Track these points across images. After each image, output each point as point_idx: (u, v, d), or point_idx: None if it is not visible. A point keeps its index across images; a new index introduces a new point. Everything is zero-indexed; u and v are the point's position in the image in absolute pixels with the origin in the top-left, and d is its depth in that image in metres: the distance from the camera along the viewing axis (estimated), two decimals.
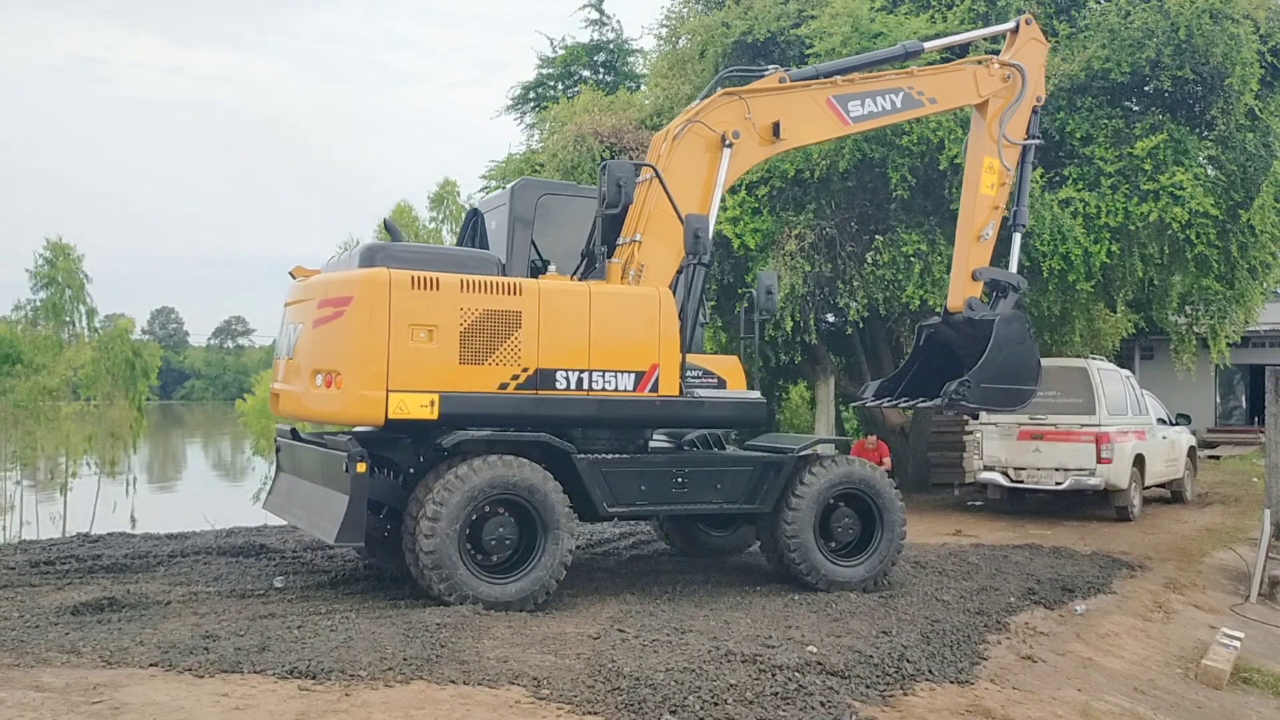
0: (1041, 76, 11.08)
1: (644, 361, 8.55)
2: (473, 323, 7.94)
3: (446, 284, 7.91)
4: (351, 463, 7.71)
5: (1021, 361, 10.15)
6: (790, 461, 9.10)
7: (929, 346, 10.80)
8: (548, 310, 8.21)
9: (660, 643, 6.82)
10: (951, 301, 10.60)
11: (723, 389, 9.10)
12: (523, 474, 7.96)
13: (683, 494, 8.75)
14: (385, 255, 8.15)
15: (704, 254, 8.61)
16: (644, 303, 8.64)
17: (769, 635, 7.14)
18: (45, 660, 5.89)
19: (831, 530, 9.18)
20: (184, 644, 6.27)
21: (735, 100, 9.38)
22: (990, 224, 10.55)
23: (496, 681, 5.85)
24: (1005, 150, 10.52)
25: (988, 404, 10.22)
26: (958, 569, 10.39)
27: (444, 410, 7.82)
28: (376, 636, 6.61)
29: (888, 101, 10.10)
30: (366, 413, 7.73)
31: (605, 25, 25.93)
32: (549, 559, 7.99)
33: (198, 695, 5.38)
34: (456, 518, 7.67)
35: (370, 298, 7.74)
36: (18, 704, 5.09)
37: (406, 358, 7.73)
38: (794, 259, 15.13)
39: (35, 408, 37.62)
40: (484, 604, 7.62)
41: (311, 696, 5.45)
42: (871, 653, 6.86)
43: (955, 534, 13.67)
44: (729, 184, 9.44)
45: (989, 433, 15.38)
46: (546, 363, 8.17)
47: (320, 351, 8.21)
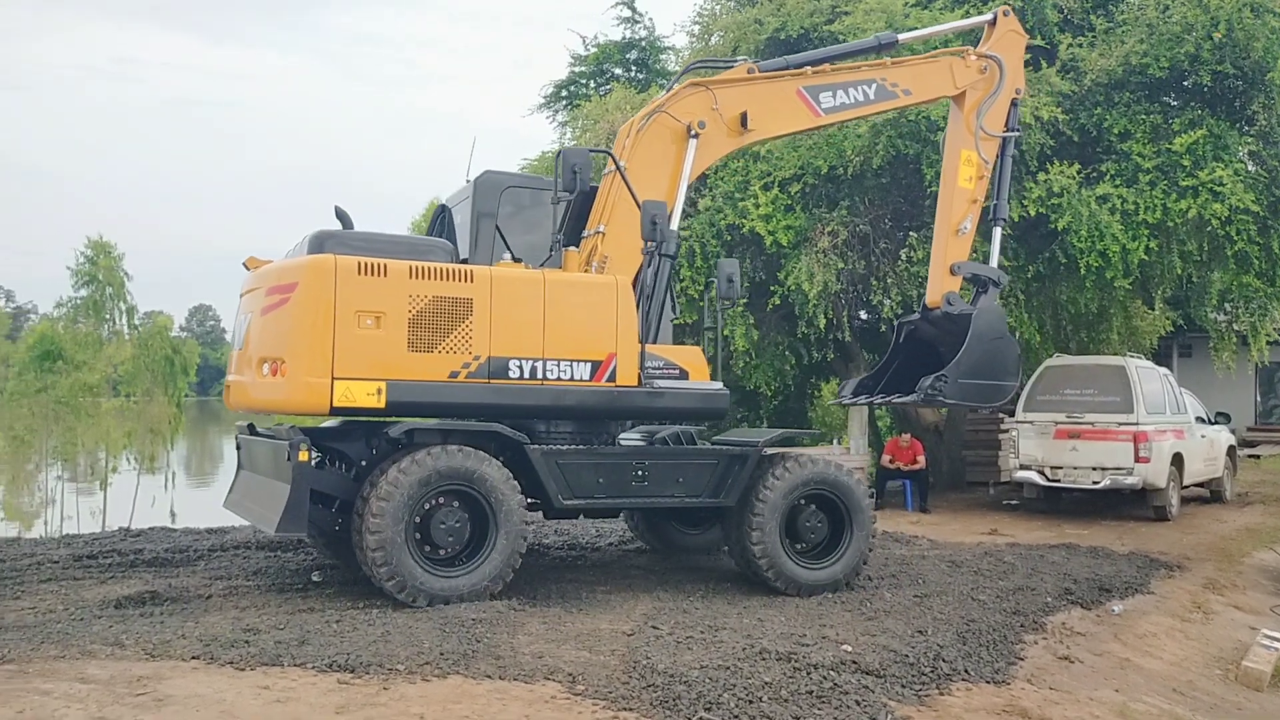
0: (1020, 68, 10.94)
1: (601, 351, 8.38)
2: (421, 310, 7.77)
3: (394, 270, 7.74)
4: (293, 451, 7.57)
5: (1000, 356, 10.00)
6: (755, 454, 8.86)
7: (909, 343, 10.69)
8: (500, 298, 8.04)
9: (694, 640, 6.83)
10: (930, 297, 10.48)
11: (685, 380, 8.88)
12: (473, 465, 7.78)
13: (643, 487, 8.53)
14: (334, 242, 8.02)
15: (663, 242, 8.49)
16: (601, 291, 8.48)
17: (803, 634, 7.14)
18: (90, 653, 5.99)
19: (799, 532, 8.92)
20: (225, 637, 6.35)
21: (702, 91, 9.30)
22: (969, 217, 10.41)
23: (532, 677, 5.89)
24: (983, 143, 10.39)
25: (965, 400, 10.06)
26: (993, 568, 10.32)
27: (391, 399, 7.65)
28: (413, 631, 6.67)
29: (860, 93, 9.98)
30: (310, 401, 7.56)
31: (637, 23, 25.90)
32: (500, 552, 7.81)
33: (239, 687, 5.46)
34: (403, 509, 7.50)
35: (315, 284, 7.59)
36: (64, 695, 5.18)
37: (352, 345, 7.56)
38: (827, 256, 15.07)
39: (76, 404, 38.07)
40: (430, 598, 7.50)
41: (351, 690, 5.52)
42: (907, 652, 6.84)
43: (991, 533, 13.58)
44: (695, 175, 9.33)
45: (1025, 431, 15.26)
46: (499, 351, 8.01)
47: (267, 340, 8.03)
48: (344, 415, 8.00)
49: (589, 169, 8.43)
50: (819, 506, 9.02)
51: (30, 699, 5.09)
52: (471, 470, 7.76)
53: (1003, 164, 10.67)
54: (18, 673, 5.56)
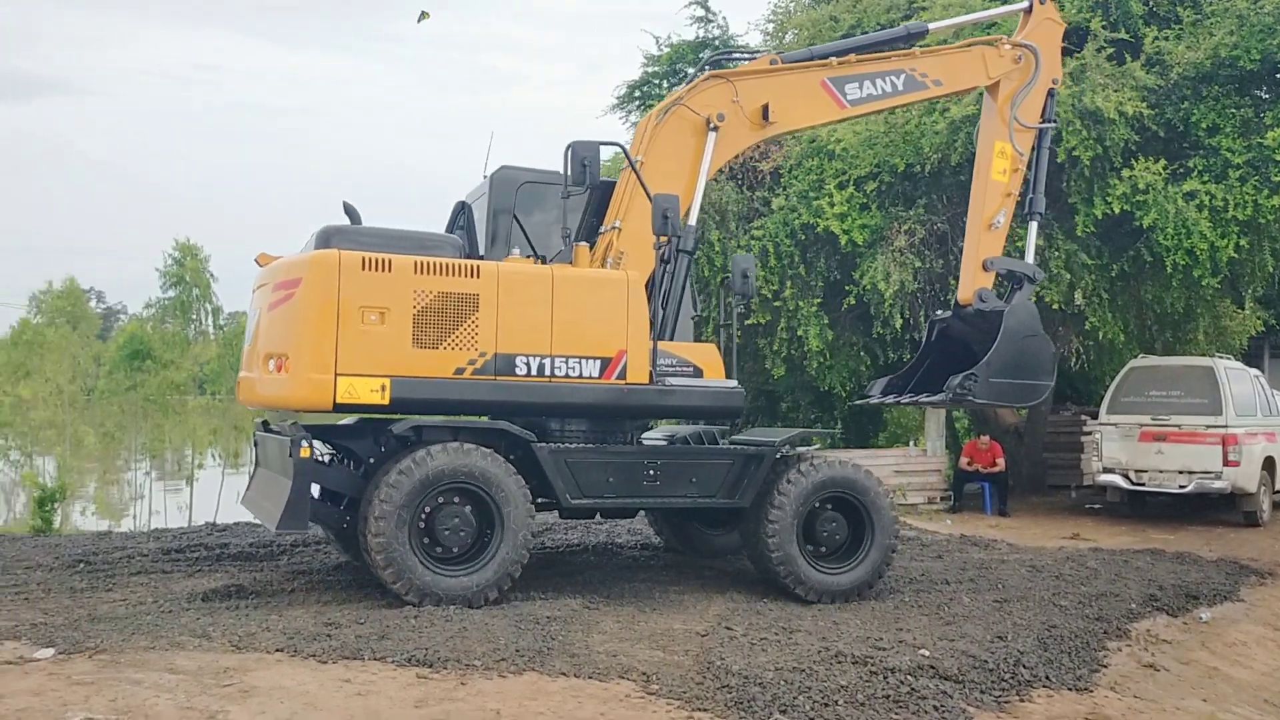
0: (1058, 57, 10.57)
1: (610, 348, 8.23)
2: (427, 305, 7.69)
3: (399, 266, 7.68)
4: (295, 447, 7.55)
5: (1033, 354, 9.66)
6: (770, 454, 8.69)
7: (940, 341, 10.38)
8: (507, 293, 7.93)
9: (769, 641, 6.81)
10: (961, 293, 10.18)
11: (699, 378, 8.71)
12: (477, 463, 7.68)
13: (655, 487, 8.38)
14: (341, 237, 7.97)
15: (680, 237, 8.35)
16: (611, 287, 8.34)
17: (879, 637, 7.07)
18: (179, 644, 6.16)
19: (817, 535, 8.70)
20: (308, 631, 6.49)
21: (722, 83, 9.12)
22: (1002, 211, 10.08)
23: (606, 675, 5.93)
24: (1018, 134, 10.07)
25: (997, 400, 9.75)
26: (1075, 574, 10.11)
27: (395, 395, 7.59)
28: (489, 628, 6.75)
29: (888, 84, 9.73)
30: (314, 397, 7.50)
31: (711, 22, 25.81)
32: (505, 552, 7.69)
33: (321, 680, 5.57)
34: (406, 507, 7.44)
35: (318, 279, 7.54)
36: (154, 685, 5.34)
37: (356, 341, 7.51)
38: (903, 255, 14.88)
39: (164, 402, 39.32)
40: (434, 597, 7.44)
41: (429, 684, 5.60)
42: (986, 658, 6.73)
43: (1073, 538, 13.30)
44: (715, 168, 9.17)
45: (1108, 433, 14.92)
46: (506, 348, 7.89)
47: (273, 336, 8.01)
48: (347, 412, 7.94)
49: (598, 162, 8.28)
50: (838, 509, 8.81)
51: (122, 688, 5.26)
52: (476, 468, 7.67)
53: (1039, 156, 10.34)
54: (110, 662, 5.75)
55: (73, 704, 5.01)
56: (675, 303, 8.78)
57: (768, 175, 16.61)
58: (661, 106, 9.16)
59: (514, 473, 7.82)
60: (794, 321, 15.95)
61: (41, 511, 14.22)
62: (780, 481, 8.55)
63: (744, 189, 16.83)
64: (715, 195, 16.41)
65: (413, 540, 7.49)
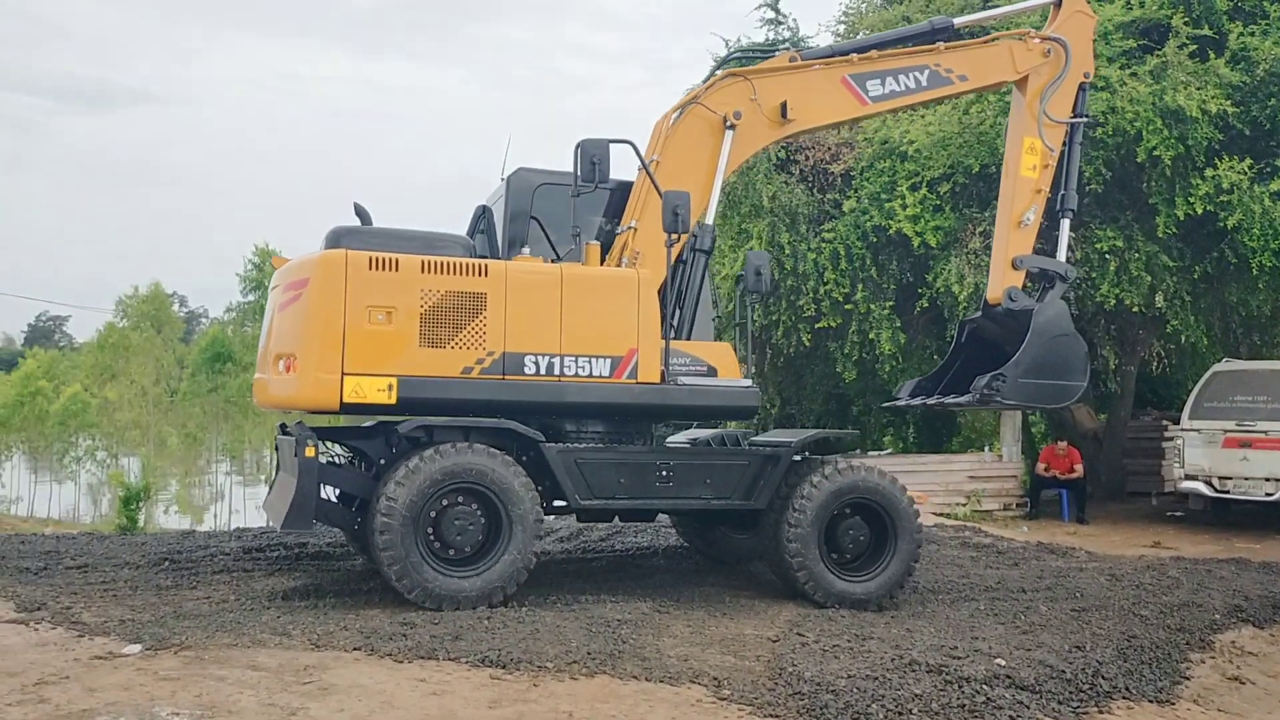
0: (1089, 51, 10.25)
1: (621, 346, 8.12)
2: (434, 304, 7.65)
3: (406, 265, 7.65)
4: (300, 447, 7.54)
5: (1064, 354, 9.37)
6: (787, 456, 8.52)
7: (972, 342, 10.11)
8: (515, 292, 7.88)
9: (841, 649, 6.76)
10: (990, 292, 9.89)
11: (713, 378, 8.55)
12: (485, 463, 7.59)
13: (668, 488, 8.24)
14: (351, 237, 7.95)
15: (684, 231, 8.20)
16: (621, 285, 8.23)
17: (954, 646, 6.98)
18: (260, 642, 6.30)
19: (839, 542, 8.55)
20: (384, 630, 6.60)
21: (740, 81, 8.99)
22: (1032, 208, 9.78)
23: (678, 679, 5.94)
24: (1047, 130, 9.76)
25: (1027, 401, 9.49)
26: (1156, 583, 9.88)
27: (403, 395, 7.54)
28: (561, 630, 6.80)
29: (911, 80, 9.52)
30: (320, 397, 7.48)
31: (781, 24, 25.73)
32: (512, 553, 7.59)
33: (398, 679, 5.67)
34: (411, 507, 7.37)
35: (325, 279, 7.53)
36: (237, 682, 5.48)
37: (363, 340, 7.48)
38: (978, 257, 14.65)
39: (244, 403, 40.18)
40: (440, 599, 7.38)
41: (502, 685, 5.67)
42: (1064, 668, 6.61)
43: (1153, 546, 13.00)
44: (733, 167, 9.04)
45: (1191, 439, 14.54)
46: (514, 346, 7.83)
47: (282, 336, 8.01)
48: (354, 412, 7.90)
49: (608, 160, 8.17)
50: (861, 516, 8.64)
51: (207, 684, 5.41)
52: (483, 469, 7.59)
53: (1071, 152, 10.04)
54: (194, 659, 5.91)
55: (160, 699, 5.15)
56: (693, 301, 8.69)
57: (839, 177, 16.51)
58: (678, 105, 9.08)
59: (521, 473, 7.74)
60: (866, 325, 15.83)
61: (127, 510, 14.67)
62: (803, 485, 8.41)
63: (814, 191, 16.75)
64: (785, 198, 16.38)
65: (419, 541, 7.43)
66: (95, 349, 51.34)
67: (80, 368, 54.79)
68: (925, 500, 16.28)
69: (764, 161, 16.48)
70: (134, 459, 42.17)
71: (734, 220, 16.89)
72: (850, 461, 8.81)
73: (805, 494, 8.36)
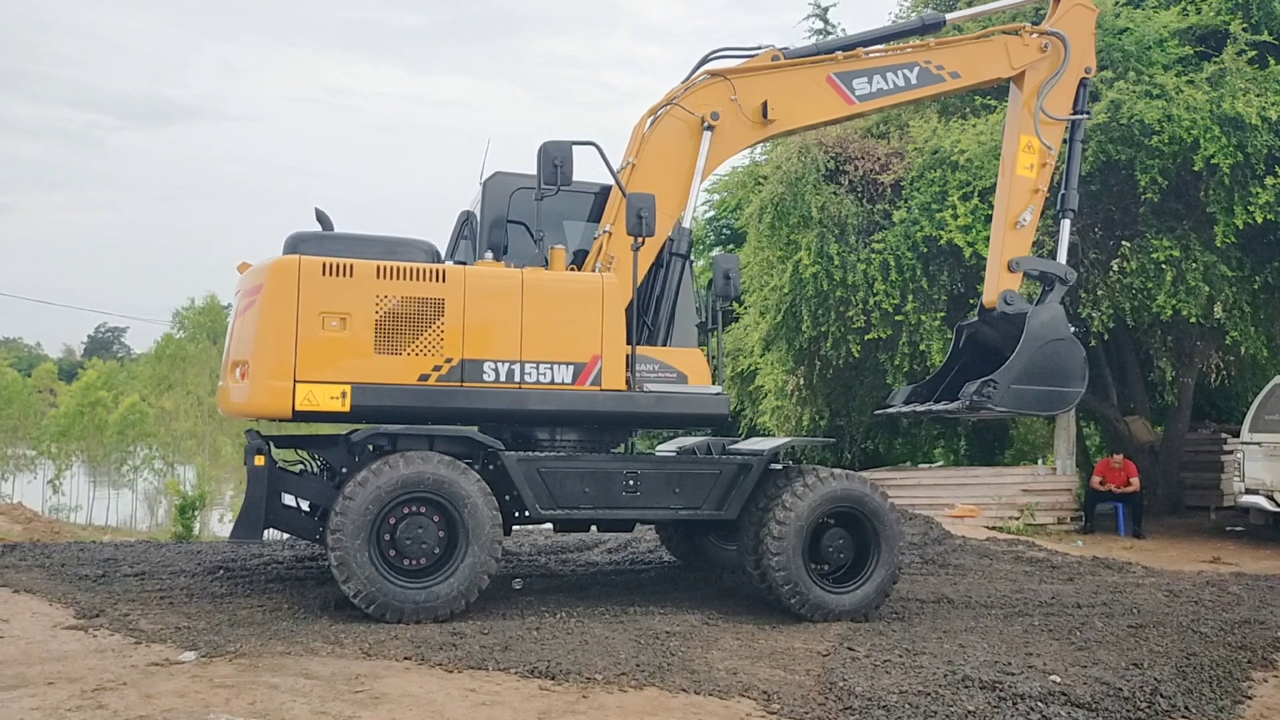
0: (1090, 45, 9.93)
1: (584, 353, 7.99)
2: (389, 311, 7.56)
3: (361, 270, 7.56)
4: (249, 456, 7.47)
5: (1060, 360, 9.04)
6: (760, 465, 8.34)
7: (969, 348, 9.81)
8: (475, 298, 7.76)
9: (893, 664, 6.69)
10: (986, 296, 9.62)
11: (682, 385, 8.38)
12: (441, 472, 7.45)
13: (634, 498, 8.06)
14: (309, 243, 7.87)
15: (648, 235, 8.04)
16: (584, 290, 8.09)
17: (1008, 662, 6.87)
18: (313, 650, 6.37)
19: (822, 553, 8.34)
20: (434, 640, 6.64)
21: (720, 81, 8.83)
22: (1030, 209, 9.48)
23: (727, 693, 5.91)
24: (1045, 127, 9.48)
25: (1020, 408, 9.12)
26: (1216, 599, 9.66)
27: (357, 402, 7.43)
28: (610, 641, 6.80)
29: (900, 77, 9.31)
30: (272, 404, 7.41)
31: (830, 34, 25.69)
32: (469, 565, 7.44)
33: (448, 689, 5.70)
34: (364, 516, 7.23)
35: (278, 285, 7.46)
36: (291, 689, 5.54)
37: (316, 347, 7.39)
38: None
39: None
40: (394, 611, 7.25)
41: (551, 696, 5.68)
42: (1121, 685, 6.48)
43: (1213, 561, 12.72)
44: (712, 169, 8.85)
45: (1251, 453, 14.21)
46: (472, 353, 7.72)
47: (238, 342, 7.92)
48: (308, 420, 7.80)
49: (571, 163, 8.03)
50: (844, 526, 8.45)
51: (261, 692, 5.47)
52: (439, 478, 7.45)
53: (1072, 150, 9.79)
54: (249, 666, 5.98)
55: (215, 706, 5.22)
56: (669, 306, 8.57)
57: (889, 187, 16.40)
58: (654, 107, 8.90)
59: (480, 483, 7.60)
60: (916, 336, 15.68)
61: (183, 518, 14.89)
62: (784, 495, 8.22)
63: (864, 202, 16.66)
64: (834, 208, 16.30)
65: (372, 551, 7.29)
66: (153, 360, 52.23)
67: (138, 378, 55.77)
68: (977, 513, 16.09)
69: (813, 172, 16.43)
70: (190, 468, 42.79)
71: (782, 231, 16.83)
72: (832, 470, 8.59)
73: (788, 504, 8.17)
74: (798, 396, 18.69)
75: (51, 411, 55.85)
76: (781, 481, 8.40)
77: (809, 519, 8.22)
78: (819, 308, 16.53)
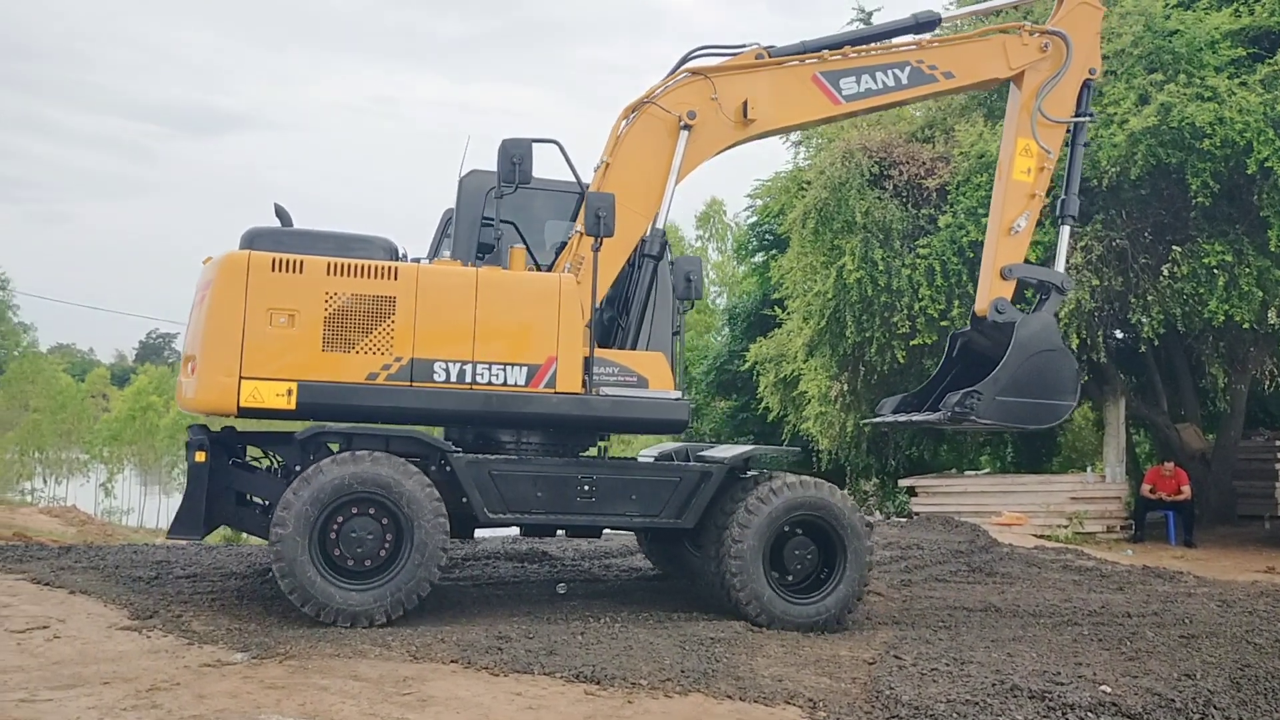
0: (1095, 45, 9.54)
1: (539, 354, 7.82)
2: (339, 308, 7.46)
3: (311, 267, 7.46)
4: (190, 452, 7.45)
5: (1050, 371, 8.73)
6: (719, 472, 8.15)
7: (963, 357, 9.47)
8: (426, 296, 7.63)
9: (939, 672, 6.64)
10: (978, 304, 9.25)
11: (642, 389, 8.15)
12: (385, 472, 7.32)
13: (589, 504, 7.91)
14: (264, 239, 7.80)
15: (606, 235, 7.88)
16: (540, 290, 7.93)
17: (1057, 671, 6.79)
18: (361, 652, 6.44)
19: (785, 562, 8.13)
20: (480, 644, 6.68)
21: (700, 80, 8.58)
22: (1025, 214, 9.11)
23: (772, 700, 5.89)
24: (1043, 130, 9.14)
25: (1005, 421, 8.77)
26: (1271, 610, 9.48)
27: (303, 400, 7.34)
28: (655, 647, 6.81)
29: (890, 77, 8.99)
30: (217, 400, 7.33)
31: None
32: (411, 567, 7.30)
33: (494, 693, 5.74)
34: (305, 516, 7.13)
35: (227, 281, 7.38)
36: (339, 691, 5.61)
37: (263, 343, 7.30)
38: (1080, 273, 14.33)
39: None
40: (333, 612, 7.14)
41: (597, 701, 5.70)
42: (1173, 696, 6.39)
43: (1266, 571, 12.50)
44: (689, 170, 8.56)
45: None
46: (423, 352, 7.58)
47: (190, 337, 7.88)
48: (253, 416, 7.68)
49: (530, 160, 7.90)
50: (808, 534, 8.23)
51: (310, 694, 5.54)
52: (382, 479, 7.32)
53: (1073, 154, 9.44)
54: (299, 668, 6.06)
55: (265, 707, 5.30)
56: (639, 309, 8.44)
57: (934, 192, 16.29)
58: (631, 105, 8.65)
59: (427, 484, 7.47)
60: None
61: None
62: (746, 501, 8.03)
63: (909, 206, 16.56)
64: (878, 213, 16.22)
65: (313, 551, 7.18)
66: None
67: None
68: (1024, 521, 15.92)
69: (857, 177, 16.36)
70: None
71: (826, 236, 16.78)
72: (800, 477, 8.39)
73: (750, 508, 8.00)
74: (841, 403, 18.61)
75: (104, 416, 56.98)
76: (744, 489, 8.23)
77: (770, 527, 8.03)
78: (863, 313, 16.44)
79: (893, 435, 19.64)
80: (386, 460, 7.45)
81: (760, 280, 27.29)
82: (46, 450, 51.59)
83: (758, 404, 23.18)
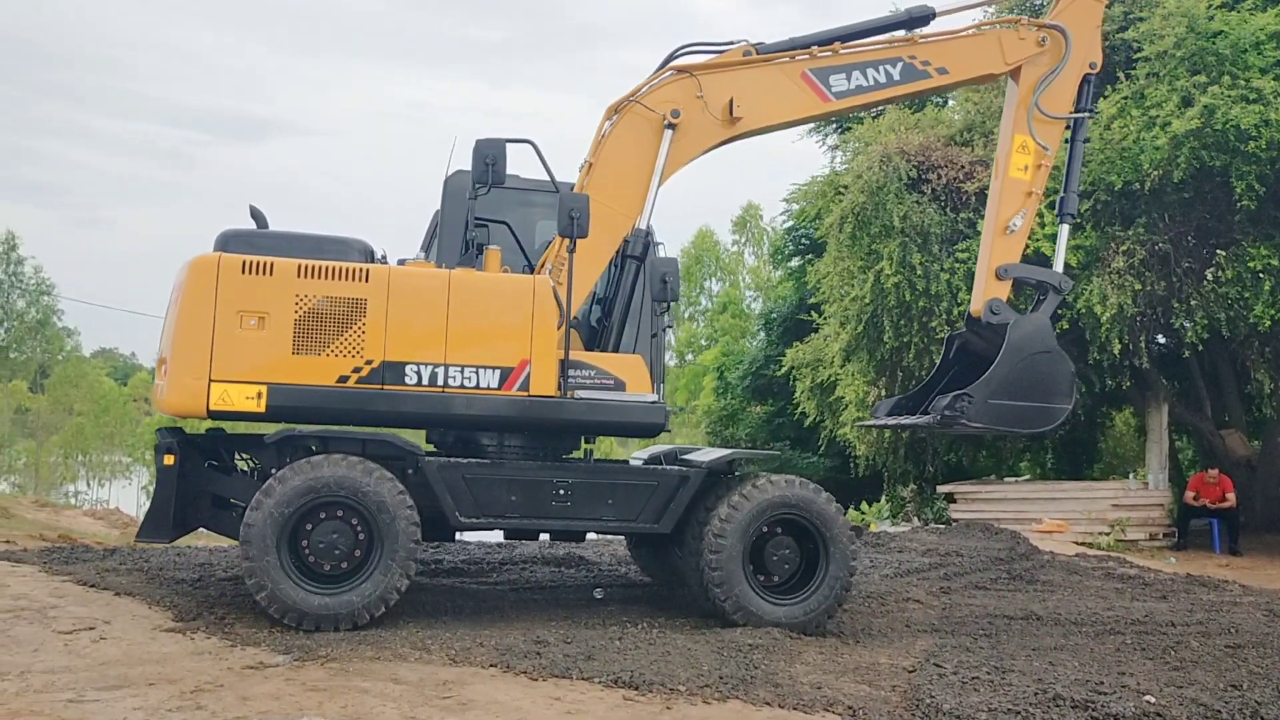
0: (1095, 40, 9.28)
1: (512, 357, 7.72)
2: (309, 310, 7.42)
3: (281, 269, 7.44)
4: (159, 455, 7.47)
5: (1045, 373, 8.56)
6: (698, 476, 8.05)
7: (960, 358, 9.31)
8: (398, 299, 7.57)
9: (980, 681, 6.58)
10: (973, 304, 9.09)
11: (618, 392, 8.07)
12: (355, 476, 7.28)
13: (565, 509, 7.84)
14: (238, 241, 7.80)
15: (580, 236, 7.76)
16: (514, 292, 7.85)
17: (1100, 681, 6.71)
18: (401, 656, 6.49)
19: (766, 562, 8.03)
20: (519, 648, 6.72)
21: (685, 78, 8.49)
22: (1021, 213, 8.92)
23: (811, 707, 5.87)
24: (1042, 126, 8.94)
25: (997, 424, 8.63)
26: None
27: (273, 403, 7.31)
28: (692, 653, 6.80)
29: (881, 74, 8.85)
30: (187, 403, 7.33)
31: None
32: (383, 572, 7.26)
33: (533, 697, 5.76)
34: (274, 519, 7.10)
35: (196, 283, 7.38)
36: (380, 694, 5.65)
37: (233, 346, 7.29)
38: (1122, 277, 14.18)
39: None
40: (303, 618, 7.10)
41: (635, 706, 5.70)
42: (1220, 707, 6.29)
43: None
44: (674, 169, 8.47)
45: None
46: (395, 355, 7.53)
47: (163, 339, 7.84)
48: (222, 419, 7.76)
49: (504, 161, 7.85)
50: (790, 534, 8.13)
51: (351, 696, 5.59)
52: (353, 482, 7.28)
53: (1073, 151, 9.24)
54: (340, 671, 6.12)
55: (307, 709, 5.35)
56: (621, 310, 8.38)
57: (973, 196, 16.18)
58: (615, 104, 8.55)
59: (399, 489, 7.42)
60: None
61: None
62: (727, 500, 7.95)
63: (947, 210, 16.46)
64: (916, 218, 16.13)
65: (283, 554, 7.15)
66: None
67: None
68: (1065, 528, 15.75)
69: (894, 181, 16.28)
70: None
71: (863, 241, 16.71)
72: (784, 476, 8.28)
73: (732, 505, 7.91)
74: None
75: (146, 419, 57.63)
76: (723, 490, 8.17)
77: (750, 527, 7.94)
78: (901, 318, 16.35)
79: (930, 441, 19.50)
80: (357, 463, 7.41)
81: (797, 285, 27.21)
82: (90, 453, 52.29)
83: (794, 409, 23.11)
